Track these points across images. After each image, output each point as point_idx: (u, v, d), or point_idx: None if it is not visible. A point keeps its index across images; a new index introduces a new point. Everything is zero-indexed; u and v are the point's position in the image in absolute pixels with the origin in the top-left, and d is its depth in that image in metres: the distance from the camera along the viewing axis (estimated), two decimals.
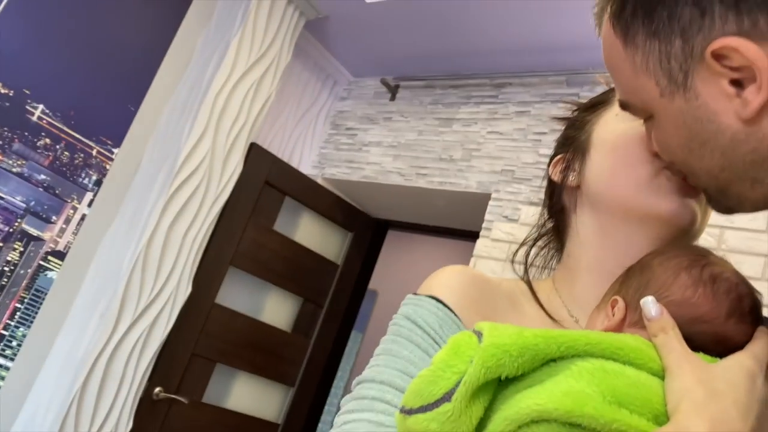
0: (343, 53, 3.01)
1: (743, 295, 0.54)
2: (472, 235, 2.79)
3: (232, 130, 2.51)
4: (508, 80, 2.65)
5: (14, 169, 2.46)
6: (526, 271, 0.72)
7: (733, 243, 1.87)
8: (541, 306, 0.66)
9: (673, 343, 0.51)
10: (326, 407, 3.22)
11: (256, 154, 2.69)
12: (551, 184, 0.73)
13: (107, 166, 2.50)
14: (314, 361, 2.98)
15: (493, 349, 0.47)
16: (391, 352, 0.59)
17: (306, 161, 3.09)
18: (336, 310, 3.07)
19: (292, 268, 2.89)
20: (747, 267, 1.76)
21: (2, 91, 2.31)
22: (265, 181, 2.77)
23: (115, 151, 2.48)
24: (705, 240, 1.43)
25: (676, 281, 0.54)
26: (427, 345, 0.58)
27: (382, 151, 2.91)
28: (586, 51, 2.33)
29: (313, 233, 3.01)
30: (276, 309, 2.89)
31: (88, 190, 2.64)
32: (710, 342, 0.53)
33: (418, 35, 2.65)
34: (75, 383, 2.12)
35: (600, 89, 0.73)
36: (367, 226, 3.23)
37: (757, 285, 0.57)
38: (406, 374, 0.56)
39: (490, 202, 2.46)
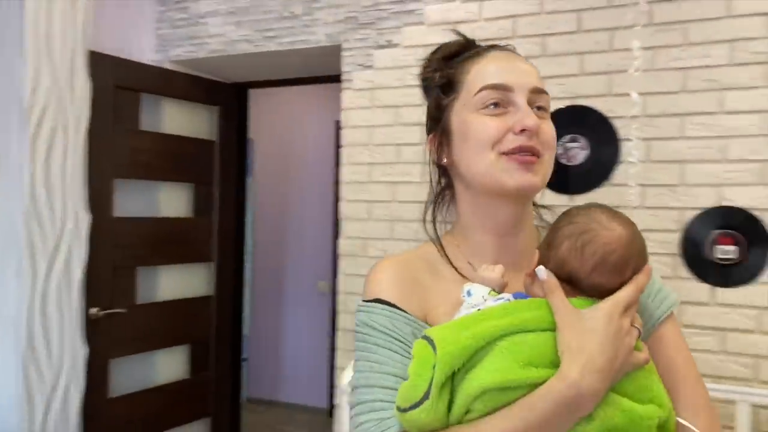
0: None
1: (607, 253, 0.73)
2: (334, 79, 2.95)
3: (64, 49, 2.38)
4: None
5: None
6: (438, 240, 0.90)
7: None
8: (454, 268, 0.86)
9: (557, 302, 0.72)
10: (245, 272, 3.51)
11: (98, 62, 2.58)
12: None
13: None
14: (223, 232, 3.20)
15: (445, 356, 0.69)
16: (367, 359, 0.79)
17: (147, 48, 2.98)
18: (227, 185, 3.22)
19: (172, 160, 2.96)
20: None
21: None
22: (116, 85, 2.70)
23: None
24: None
25: (561, 248, 0.76)
26: (387, 342, 0.79)
27: (221, 21, 2.86)
28: None
29: (180, 120, 3.03)
30: (172, 202, 3.00)
31: None
32: (588, 288, 0.75)
33: None
34: (19, 343, 2.25)
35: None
36: (230, 95, 3.26)
37: None
38: (384, 373, 0.77)
39: (343, 53, 2.60)
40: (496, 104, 0.83)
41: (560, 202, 2.20)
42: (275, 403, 4.69)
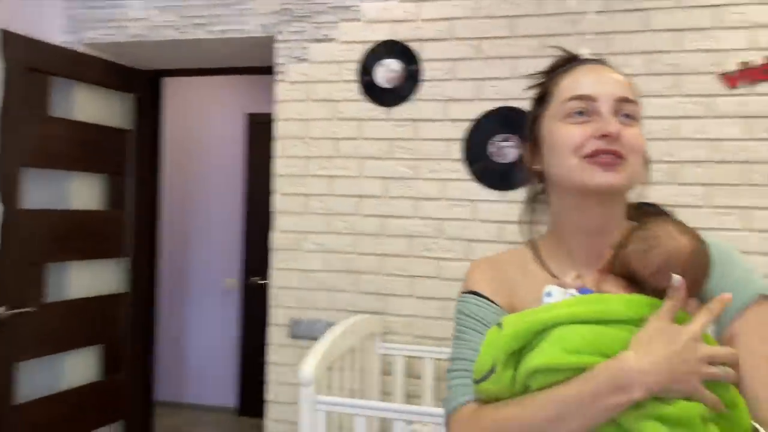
0: None
1: (668, 260, 0.80)
2: (263, 70, 2.91)
3: None
4: None
5: None
6: (533, 244, 0.99)
7: None
8: (545, 268, 0.95)
9: (662, 310, 0.77)
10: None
11: (9, 42, 2.37)
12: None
13: None
14: (137, 226, 3.04)
15: (506, 337, 0.81)
16: (460, 338, 0.94)
17: (57, 29, 2.77)
18: (142, 177, 3.07)
19: (84, 150, 2.77)
20: None
21: None
22: (27, 67, 2.49)
23: None
24: None
25: (628, 248, 0.83)
26: (476, 325, 0.93)
27: (143, 4, 2.72)
28: None
29: (92, 107, 2.84)
30: (83, 194, 2.81)
31: None
32: (646, 289, 0.81)
33: None
34: None
35: None
36: (147, 83, 3.10)
37: None
38: (471, 349, 0.91)
39: (277, 45, 2.57)
40: (580, 113, 0.89)
41: (493, 197, 2.33)
42: (181, 405, 4.51)
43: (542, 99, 0.97)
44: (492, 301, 0.94)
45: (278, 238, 2.55)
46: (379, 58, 2.46)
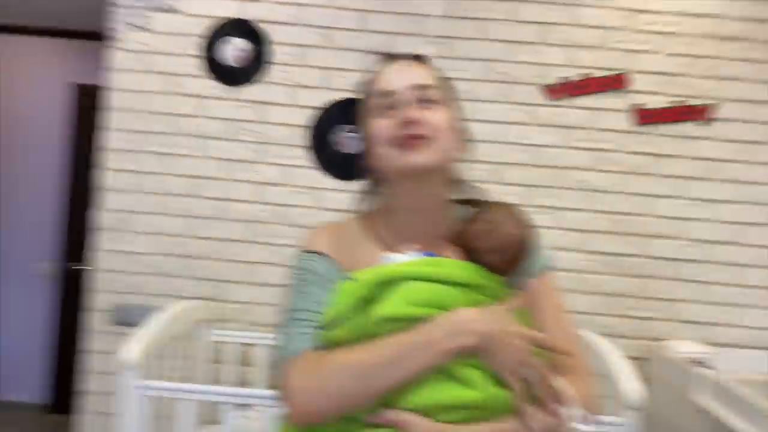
0: None
1: (502, 243, 0.96)
2: (93, 36, 2.68)
3: None
4: None
5: None
6: (370, 217, 1.07)
7: None
8: (379, 240, 1.03)
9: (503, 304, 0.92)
10: None
11: None
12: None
13: None
14: None
15: (357, 287, 0.91)
16: (302, 292, 0.99)
17: None
18: None
19: None
20: None
21: None
22: None
23: None
24: None
25: (474, 227, 0.98)
26: (321, 282, 0.99)
27: None
28: None
29: None
30: None
31: None
32: (481, 261, 0.95)
33: None
34: None
35: None
36: None
37: None
38: (313, 301, 0.97)
39: (115, 9, 2.38)
40: (386, 107, 1.00)
41: (336, 186, 2.36)
42: None
43: (363, 97, 1.07)
44: (333, 258, 1.01)
45: (104, 217, 2.36)
46: (226, 36, 2.38)
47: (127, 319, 2.32)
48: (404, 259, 0.95)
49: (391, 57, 1.08)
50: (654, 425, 2.25)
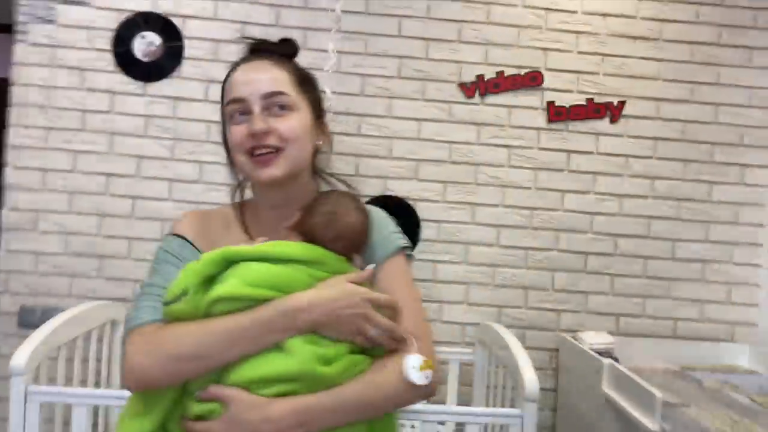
0: None
1: (341, 231, 1.00)
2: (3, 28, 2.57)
3: None
4: None
5: None
6: (241, 210, 1.11)
7: None
8: (244, 230, 1.08)
9: (343, 275, 0.97)
10: None
11: None
12: None
13: None
14: None
15: (200, 265, 0.93)
16: (156, 270, 1.02)
17: None
18: None
19: None
20: None
21: None
22: None
23: None
24: None
25: (314, 218, 1.02)
26: (174, 261, 1.01)
27: None
28: None
29: None
30: None
31: None
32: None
33: None
34: None
35: None
36: None
37: None
38: (164, 278, 0.99)
39: (18, 1, 2.29)
40: (239, 113, 1.01)
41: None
42: None
43: (223, 101, 1.07)
44: (193, 245, 1.04)
45: (9, 216, 2.28)
46: (137, 30, 2.32)
47: (33, 321, 2.24)
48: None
49: (250, 52, 1.07)
50: (564, 415, 2.32)
